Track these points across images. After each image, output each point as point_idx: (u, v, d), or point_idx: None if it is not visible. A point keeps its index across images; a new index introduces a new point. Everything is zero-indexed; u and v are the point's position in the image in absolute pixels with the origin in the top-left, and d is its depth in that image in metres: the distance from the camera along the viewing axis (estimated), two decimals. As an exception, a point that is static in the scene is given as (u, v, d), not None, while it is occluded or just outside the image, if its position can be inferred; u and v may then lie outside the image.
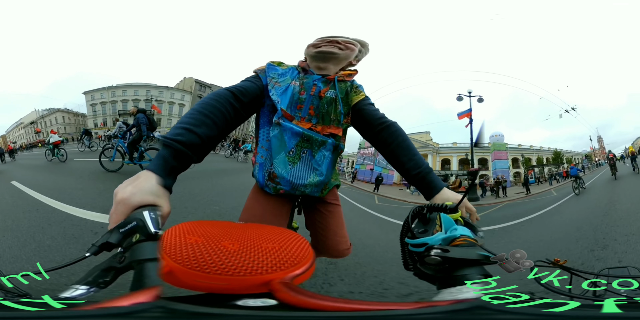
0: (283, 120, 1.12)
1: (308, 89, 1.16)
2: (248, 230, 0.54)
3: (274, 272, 0.41)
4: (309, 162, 1.16)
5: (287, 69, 1.20)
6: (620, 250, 3.62)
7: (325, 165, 1.18)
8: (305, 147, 1.15)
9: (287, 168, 1.15)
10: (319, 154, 1.16)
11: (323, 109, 1.17)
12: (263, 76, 1.16)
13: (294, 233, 0.55)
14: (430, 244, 0.59)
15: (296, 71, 1.21)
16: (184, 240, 0.45)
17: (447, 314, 0.38)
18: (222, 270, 0.40)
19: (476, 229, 0.68)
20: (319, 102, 1.16)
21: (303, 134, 1.13)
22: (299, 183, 1.16)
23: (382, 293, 2.24)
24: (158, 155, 0.77)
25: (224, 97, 0.99)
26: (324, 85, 1.17)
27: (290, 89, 1.15)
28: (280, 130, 1.12)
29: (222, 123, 0.94)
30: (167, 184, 0.71)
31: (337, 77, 1.19)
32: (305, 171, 1.16)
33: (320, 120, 1.17)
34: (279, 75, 1.17)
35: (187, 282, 0.40)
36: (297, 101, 1.15)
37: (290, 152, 1.14)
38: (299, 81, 1.18)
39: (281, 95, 1.13)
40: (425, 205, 0.75)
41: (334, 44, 1.19)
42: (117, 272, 0.51)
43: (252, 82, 1.13)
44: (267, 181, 1.18)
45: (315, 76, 1.19)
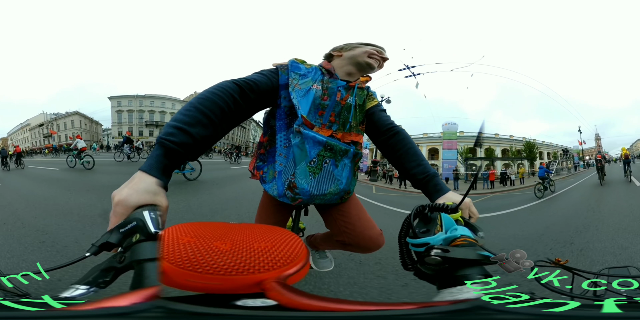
0: (304, 128, 1.07)
1: (332, 95, 1.12)
2: (241, 230, 0.54)
3: (266, 272, 0.41)
4: (330, 172, 1.12)
5: (310, 68, 1.15)
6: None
7: (345, 174, 1.16)
8: (328, 157, 1.11)
9: (307, 179, 1.10)
10: (340, 164, 1.13)
11: (344, 116, 1.14)
12: (284, 74, 1.09)
13: (287, 232, 0.55)
14: (431, 244, 0.59)
15: (319, 73, 1.16)
16: (177, 241, 0.45)
17: (447, 314, 0.38)
18: (214, 269, 0.40)
19: (476, 229, 0.67)
20: (340, 108, 1.14)
21: (326, 143, 1.09)
22: (318, 194, 1.12)
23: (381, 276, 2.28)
24: (151, 155, 0.76)
25: (228, 91, 0.91)
26: (346, 92, 1.15)
27: (311, 93, 1.10)
28: (302, 138, 1.07)
29: (220, 120, 0.87)
30: (162, 183, 0.71)
31: (358, 85, 1.17)
32: (326, 182, 1.13)
33: (340, 127, 1.14)
34: (300, 76, 1.10)
35: (179, 281, 0.40)
36: (319, 106, 1.11)
37: (311, 162, 1.09)
38: (321, 84, 1.12)
39: (301, 99, 1.08)
40: (426, 205, 0.74)
41: (382, 60, 1.22)
42: (117, 272, 0.51)
43: (267, 77, 1.05)
44: (286, 190, 1.13)
45: (340, 82, 1.16)
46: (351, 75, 1.21)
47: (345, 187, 1.17)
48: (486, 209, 6.62)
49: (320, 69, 1.17)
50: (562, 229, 4.48)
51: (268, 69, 1.10)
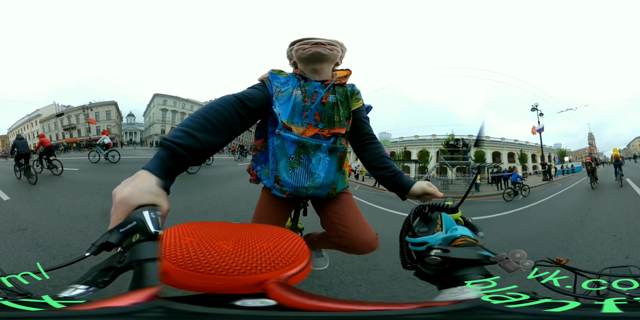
0: (284, 131, 1.21)
1: (311, 97, 1.24)
2: (244, 230, 0.54)
3: (268, 272, 0.41)
4: (306, 166, 1.25)
5: (288, 76, 1.25)
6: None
7: (322, 167, 1.26)
8: (303, 153, 1.24)
9: (287, 173, 1.25)
10: (315, 158, 1.25)
11: (327, 114, 1.25)
12: (269, 84, 1.20)
13: (290, 232, 0.55)
14: (431, 244, 0.59)
15: (296, 79, 1.26)
16: (179, 241, 0.45)
17: (447, 314, 0.38)
18: (216, 270, 0.40)
19: (476, 229, 0.67)
20: (322, 108, 1.24)
21: (298, 141, 1.22)
22: (299, 186, 1.26)
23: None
24: (156, 155, 0.77)
25: (229, 102, 1.00)
26: (324, 92, 1.24)
27: (292, 99, 1.21)
28: (282, 140, 1.22)
29: (225, 129, 0.94)
30: (165, 185, 0.71)
31: (334, 82, 1.26)
32: (303, 175, 1.26)
33: (326, 124, 1.26)
34: (281, 84, 1.22)
35: (181, 282, 0.40)
36: (303, 108, 1.23)
37: (290, 158, 1.24)
38: (300, 89, 1.23)
39: (283, 105, 1.20)
40: (426, 205, 0.75)
41: (319, 46, 1.23)
42: (116, 272, 0.51)
43: (259, 90, 1.17)
44: (274, 183, 1.29)
45: (315, 83, 1.25)
46: (317, 71, 1.27)
47: (325, 181, 1.27)
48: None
49: (295, 76, 1.27)
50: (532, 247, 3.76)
51: (257, 83, 1.22)
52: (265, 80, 1.22)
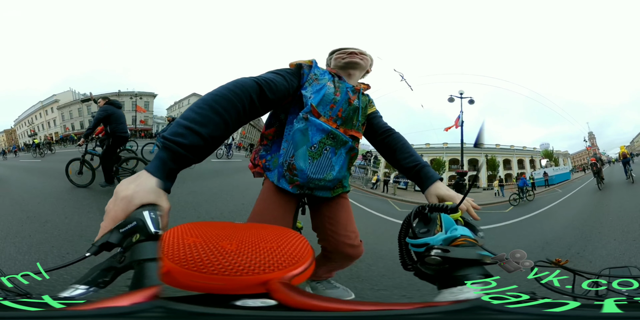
0: (311, 116, 1.16)
1: (343, 93, 1.25)
2: (247, 230, 0.54)
3: (271, 272, 0.41)
4: (329, 159, 1.22)
5: (324, 70, 1.27)
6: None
7: (340, 164, 1.26)
8: (329, 145, 1.21)
9: (306, 162, 1.18)
10: (338, 153, 1.25)
11: (348, 114, 1.27)
12: (307, 71, 1.19)
13: (293, 232, 0.55)
14: (432, 244, 0.59)
15: (330, 75, 1.28)
16: (182, 241, 0.45)
17: (447, 314, 0.38)
18: (219, 270, 0.40)
19: (476, 229, 0.67)
20: (347, 107, 1.26)
21: (330, 132, 1.19)
22: (315, 177, 1.20)
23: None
24: (157, 156, 0.73)
25: (247, 90, 0.88)
26: (353, 94, 1.29)
27: (325, 89, 1.20)
28: (307, 124, 1.16)
29: (234, 121, 0.83)
30: (165, 186, 0.70)
31: (362, 90, 1.33)
32: (323, 167, 1.21)
33: (343, 123, 1.26)
34: (321, 73, 1.23)
35: (184, 282, 0.40)
36: (332, 101, 1.22)
37: (312, 147, 1.18)
38: (333, 84, 1.25)
39: (315, 92, 1.18)
40: (426, 205, 0.74)
41: (353, 55, 1.34)
42: (116, 272, 0.51)
43: (285, 78, 1.07)
44: (286, 171, 1.20)
45: (348, 84, 1.30)
46: (351, 76, 1.36)
47: (337, 175, 1.26)
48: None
49: (329, 72, 1.29)
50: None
51: (284, 69, 1.14)
52: (305, 65, 1.18)
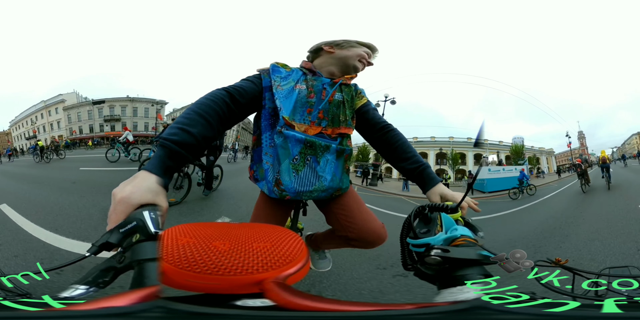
0: (286, 129, 1.12)
1: (318, 93, 1.17)
2: (241, 229, 0.54)
3: (265, 272, 0.41)
4: (313, 169, 1.16)
5: (291, 71, 1.20)
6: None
7: (329, 170, 1.19)
8: (309, 154, 1.15)
9: (290, 176, 1.15)
10: (322, 159, 1.17)
11: (332, 112, 1.19)
12: (266, 78, 1.15)
13: (287, 231, 0.55)
14: (432, 245, 0.59)
15: (300, 73, 1.20)
16: (176, 242, 0.45)
17: (447, 314, 0.38)
18: (213, 270, 0.40)
19: (476, 229, 0.67)
20: (328, 106, 1.18)
21: (305, 140, 1.14)
22: (303, 190, 1.16)
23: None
24: (154, 155, 0.79)
25: (219, 97, 1.00)
26: (332, 89, 1.19)
27: (294, 93, 1.15)
28: (284, 138, 1.13)
29: (217, 123, 0.95)
30: (164, 182, 0.73)
31: (342, 81, 1.22)
32: (309, 178, 1.16)
33: (330, 123, 1.19)
34: (282, 78, 1.16)
35: (178, 282, 0.41)
36: (307, 104, 1.15)
37: (294, 159, 1.14)
38: (305, 84, 1.17)
39: (284, 100, 1.13)
40: (426, 205, 0.74)
41: (369, 65, 1.28)
42: (116, 272, 0.51)
43: (253, 82, 1.13)
44: (274, 187, 1.18)
45: (325, 79, 1.21)
46: (333, 75, 1.25)
47: (330, 184, 1.20)
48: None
49: (300, 70, 1.22)
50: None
51: (252, 75, 1.18)
52: (262, 72, 1.17)
